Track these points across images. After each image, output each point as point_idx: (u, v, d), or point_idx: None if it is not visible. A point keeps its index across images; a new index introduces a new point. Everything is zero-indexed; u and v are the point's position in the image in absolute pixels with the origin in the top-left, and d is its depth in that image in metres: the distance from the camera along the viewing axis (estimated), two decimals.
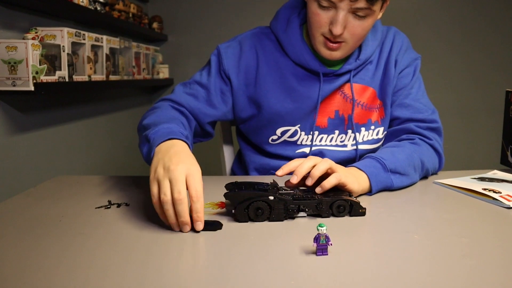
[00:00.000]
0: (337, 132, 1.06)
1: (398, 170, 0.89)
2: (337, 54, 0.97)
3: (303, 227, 0.69)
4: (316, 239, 0.56)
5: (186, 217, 0.65)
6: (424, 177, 1.00)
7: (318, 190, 0.75)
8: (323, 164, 0.77)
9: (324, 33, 0.93)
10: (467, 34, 2.47)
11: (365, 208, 0.74)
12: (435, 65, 2.45)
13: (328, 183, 0.75)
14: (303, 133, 1.05)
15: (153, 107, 1.01)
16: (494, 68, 2.48)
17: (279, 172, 0.77)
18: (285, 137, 1.06)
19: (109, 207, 0.80)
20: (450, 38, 2.46)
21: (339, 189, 0.79)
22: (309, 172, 0.77)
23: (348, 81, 1.03)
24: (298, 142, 1.06)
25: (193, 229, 0.68)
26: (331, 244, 0.56)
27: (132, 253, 0.60)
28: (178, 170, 0.67)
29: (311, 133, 1.04)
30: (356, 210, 0.74)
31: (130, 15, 2.00)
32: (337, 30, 0.90)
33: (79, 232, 0.68)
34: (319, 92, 1.02)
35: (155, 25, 2.35)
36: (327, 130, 1.05)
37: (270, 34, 1.06)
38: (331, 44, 0.94)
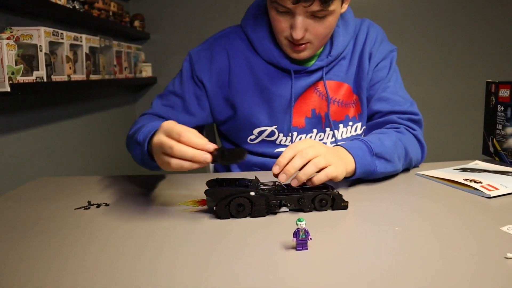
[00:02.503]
0: (315, 131, 1.05)
1: (383, 155, 0.87)
2: (304, 54, 0.96)
3: (285, 222, 0.69)
4: (296, 233, 0.56)
5: (190, 152, 0.66)
6: (407, 169, 0.99)
7: (308, 183, 0.75)
8: (311, 168, 0.74)
9: (287, 37, 0.93)
10: (449, 26, 2.49)
11: (347, 202, 0.74)
12: (418, 57, 2.47)
13: (318, 180, 0.75)
14: (281, 134, 1.04)
15: (135, 122, 1.01)
16: (474, 59, 2.51)
17: (275, 170, 0.74)
18: (262, 137, 1.05)
19: (89, 208, 0.79)
20: (432, 30, 2.48)
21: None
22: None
23: (321, 78, 1.02)
24: (277, 142, 1.05)
25: (174, 224, 0.66)
26: (310, 239, 0.56)
27: (109, 252, 0.58)
28: (165, 126, 0.70)
29: (290, 134, 1.04)
30: (338, 203, 0.73)
31: (111, 14, 1.97)
32: (297, 35, 0.89)
33: (56, 233, 0.66)
34: (291, 90, 1.01)
35: (136, 23, 2.32)
36: (305, 130, 1.04)
37: (241, 33, 1.05)
38: (296, 46, 0.94)
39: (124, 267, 0.54)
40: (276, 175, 0.74)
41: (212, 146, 0.67)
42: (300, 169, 0.74)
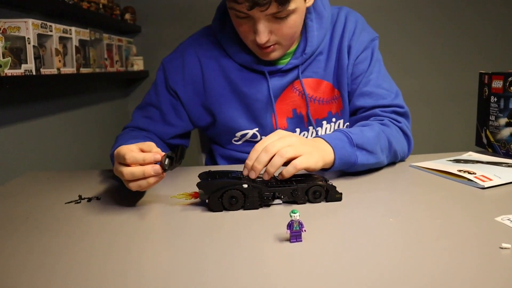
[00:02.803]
0: (298, 130, 1.03)
1: (364, 146, 0.84)
2: (275, 55, 0.93)
3: (279, 215, 0.68)
4: (290, 225, 0.55)
5: (138, 172, 0.68)
6: (393, 162, 0.97)
7: (279, 177, 0.74)
8: (278, 160, 0.71)
9: (252, 40, 0.90)
10: (442, 17, 2.48)
11: (341, 193, 0.73)
12: (411, 48, 2.46)
13: (287, 173, 0.73)
14: (263, 136, 1.01)
15: (116, 137, 1.00)
16: (467, 50, 2.51)
17: (244, 173, 0.73)
18: (246, 139, 1.04)
19: (79, 202, 0.78)
20: (424, 21, 2.48)
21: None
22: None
23: (298, 77, 0.98)
24: None
25: (166, 217, 0.66)
26: (305, 231, 0.55)
27: (102, 246, 0.57)
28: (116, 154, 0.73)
29: None
30: (332, 195, 0.73)
31: (101, 6, 1.94)
32: (261, 40, 0.86)
33: (46, 228, 0.65)
34: (269, 92, 0.98)
35: (127, 16, 2.29)
36: (288, 130, 1.00)
37: (211, 35, 1.01)
38: (264, 49, 0.90)
39: (117, 260, 0.53)
40: (246, 175, 0.73)
41: (159, 155, 0.69)
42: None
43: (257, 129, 1.02)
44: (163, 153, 0.70)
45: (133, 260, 0.53)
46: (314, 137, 0.85)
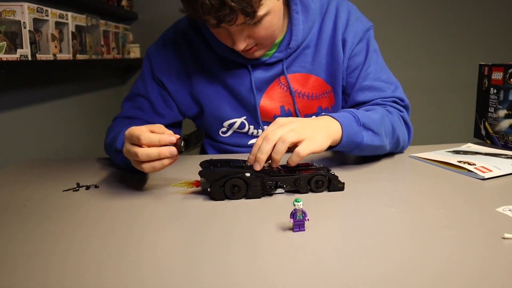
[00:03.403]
0: None
1: (371, 127, 0.82)
2: (258, 53, 0.91)
3: (281, 204, 0.67)
4: (293, 214, 0.55)
5: (154, 152, 0.67)
6: (393, 152, 0.96)
7: (288, 165, 0.73)
8: (281, 146, 0.70)
9: (231, 46, 0.87)
10: (442, 8, 2.47)
11: (343, 183, 0.73)
12: (408, 38, 2.45)
13: (292, 162, 0.72)
14: (252, 126, 1.01)
15: (108, 128, 0.98)
16: (467, 41, 2.50)
17: (254, 166, 0.71)
18: (233, 129, 1.02)
19: (78, 190, 0.77)
20: (424, 12, 2.46)
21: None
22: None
23: (283, 73, 0.96)
24: (249, 133, 1.02)
25: (167, 205, 0.65)
26: (308, 220, 0.55)
27: (100, 234, 0.57)
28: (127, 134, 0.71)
29: (260, 127, 1.01)
30: (334, 185, 0.72)
31: None
32: (239, 47, 0.84)
33: (45, 216, 0.64)
34: (251, 85, 0.96)
35: (124, 2, 2.25)
36: None
37: (195, 22, 0.98)
38: (245, 52, 0.88)
39: (115, 248, 0.53)
40: (252, 166, 0.72)
41: (174, 137, 0.68)
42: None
43: (245, 117, 1.00)
44: (178, 136, 0.69)
45: (131, 248, 0.53)
46: (322, 115, 0.82)
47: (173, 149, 0.67)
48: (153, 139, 0.68)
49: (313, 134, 0.74)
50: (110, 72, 2.26)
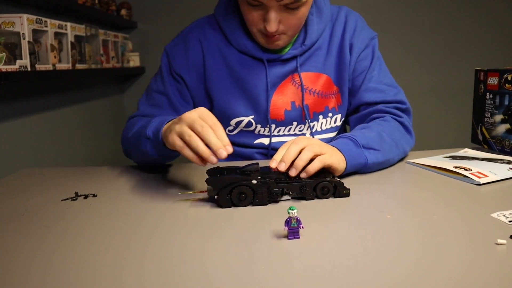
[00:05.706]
0: (295, 123, 1.04)
1: (370, 145, 0.87)
2: (279, 43, 0.95)
3: (286, 211, 0.68)
4: (287, 222, 0.55)
5: (217, 142, 0.67)
6: (401, 159, 0.98)
7: (303, 175, 0.74)
8: (307, 154, 0.74)
9: (260, 29, 0.92)
10: (438, 14, 2.48)
11: (349, 189, 0.74)
12: (406, 45, 2.46)
13: (313, 168, 0.74)
14: (259, 125, 1.03)
15: (127, 126, 1.00)
16: (463, 47, 2.51)
17: (272, 164, 0.74)
18: (240, 127, 1.04)
19: (76, 199, 0.77)
20: (419, 16, 2.48)
21: (322, 170, 0.78)
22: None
23: (296, 69, 1.01)
24: (256, 132, 1.04)
25: (173, 213, 0.65)
26: (302, 227, 0.55)
27: (100, 244, 0.57)
28: (189, 115, 0.71)
29: (268, 125, 1.03)
30: (340, 191, 0.73)
31: (96, 2, 1.93)
32: (271, 28, 0.88)
33: (42, 225, 0.65)
34: (266, 79, 0.99)
35: (123, 12, 2.27)
36: (284, 123, 1.03)
37: (214, 23, 1.03)
38: (270, 38, 0.93)
39: (114, 258, 0.53)
40: (274, 168, 0.73)
41: (225, 154, 0.67)
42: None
43: (252, 116, 1.02)
44: (230, 151, 0.69)
45: (131, 258, 0.53)
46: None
47: (213, 158, 0.68)
48: (212, 141, 0.68)
49: (331, 152, 0.79)
50: (109, 81, 2.27)
